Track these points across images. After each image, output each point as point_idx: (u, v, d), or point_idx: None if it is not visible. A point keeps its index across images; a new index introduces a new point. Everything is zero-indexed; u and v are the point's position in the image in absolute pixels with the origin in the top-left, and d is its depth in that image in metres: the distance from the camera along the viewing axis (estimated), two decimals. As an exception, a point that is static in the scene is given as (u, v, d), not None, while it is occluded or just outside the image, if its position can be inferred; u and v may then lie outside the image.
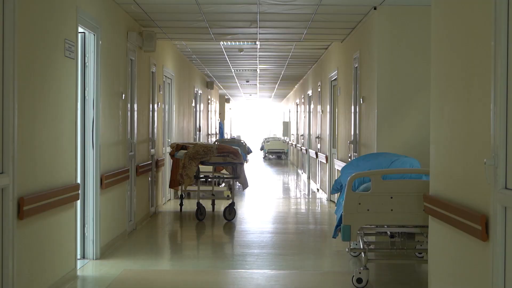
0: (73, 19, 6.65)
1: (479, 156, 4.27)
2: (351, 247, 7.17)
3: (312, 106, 18.43)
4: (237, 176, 11.30)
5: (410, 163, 7.07)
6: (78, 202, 7.11)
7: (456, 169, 4.81)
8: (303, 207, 13.72)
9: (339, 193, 7.94)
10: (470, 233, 4.37)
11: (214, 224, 10.86)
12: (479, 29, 4.35)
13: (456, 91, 4.81)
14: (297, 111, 25.25)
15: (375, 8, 8.74)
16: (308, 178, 19.41)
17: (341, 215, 6.48)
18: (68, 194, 6.41)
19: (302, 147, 22.07)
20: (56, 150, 6.20)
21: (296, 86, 25.13)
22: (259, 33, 11.22)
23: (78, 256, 7.33)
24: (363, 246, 6.79)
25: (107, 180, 7.92)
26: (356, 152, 10.22)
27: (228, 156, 10.96)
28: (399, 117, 8.75)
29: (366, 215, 6.34)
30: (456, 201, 4.77)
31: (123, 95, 8.94)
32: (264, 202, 14.25)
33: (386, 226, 6.75)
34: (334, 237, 6.94)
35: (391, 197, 6.34)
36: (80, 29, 7.23)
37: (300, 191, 17.33)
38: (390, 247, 6.91)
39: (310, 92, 18.84)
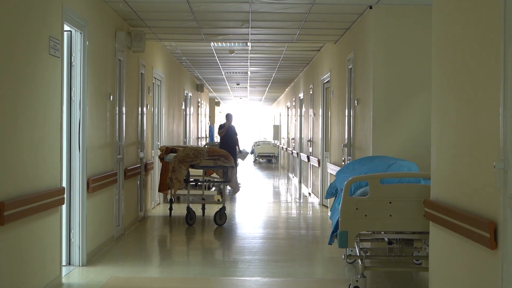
0: (58, 16, 6.38)
1: (486, 159, 4.04)
2: (347, 254, 6.92)
3: (303, 109, 18.20)
4: (228, 180, 11.04)
5: (408, 166, 6.83)
6: (64, 206, 6.84)
7: (460, 172, 4.58)
8: (295, 212, 13.48)
9: (333, 198, 7.70)
10: (477, 241, 4.15)
11: (204, 229, 10.59)
12: (485, 27, 4.12)
13: (461, 91, 4.58)
14: (288, 115, 25.03)
15: (370, 7, 8.51)
16: (300, 182, 19.19)
17: (338, 221, 6.23)
18: (52, 198, 6.14)
19: (293, 151, 21.85)
20: (40, 152, 5.93)
21: (287, 89, 24.92)
22: (251, 34, 10.98)
23: (64, 263, 7.08)
24: (359, 253, 6.55)
25: (94, 184, 7.65)
26: (350, 156, 9.98)
27: (219, 160, 10.70)
28: (395, 119, 8.51)
29: (364, 221, 6.09)
30: (460, 207, 4.54)
31: (111, 96, 8.68)
32: (255, 206, 14.00)
33: (383, 232, 6.51)
34: (330, 243, 6.68)
35: (390, 202, 6.09)
36: (66, 27, 6.97)
37: (291, 195, 17.09)
38: (388, 254, 6.67)
39: (301, 95, 18.61)
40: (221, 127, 17.06)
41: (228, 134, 16.84)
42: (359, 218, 6.09)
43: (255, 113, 49.73)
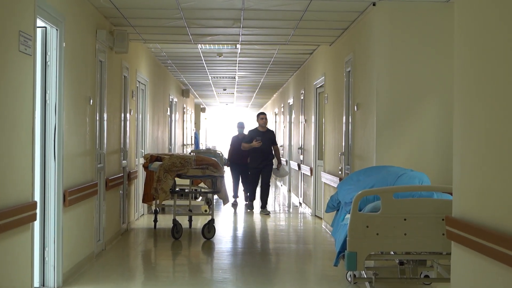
0: (30, 9, 5.66)
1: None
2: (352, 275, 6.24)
3: (293, 115, 17.55)
4: (217, 190, 10.33)
5: (420, 178, 6.16)
6: (37, 222, 6.11)
7: (494, 187, 3.92)
8: (287, 223, 12.79)
9: (335, 211, 7.02)
10: (518, 267, 3.51)
11: (192, 243, 9.87)
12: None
13: (494, 95, 3.92)
14: (275, 121, 24.40)
15: (374, 4, 7.84)
16: (289, 191, 18.54)
17: (345, 239, 5.54)
18: (22, 214, 5.40)
19: (281, 159, 21.16)
20: (9, 162, 5.20)
21: (274, 95, 24.28)
22: (242, 34, 10.29)
23: (37, 285, 6.35)
24: (366, 274, 5.88)
25: (71, 196, 6.93)
26: (349, 165, 9.31)
27: (208, 169, 9.99)
28: (401, 126, 7.83)
29: (375, 240, 5.41)
30: (494, 227, 3.88)
31: (91, 100, 7.96)
32: (243, 217, 13.29)
33: (392, 252, 5.84)
34: (335, 265, 5.99)
35: (405, 219, 5.41)
36: (41, 23, 6.26)
37: (280, 205, 16.41)
38: (399, 275, 5.99)
39: (291, 101, 17.96)
40: (236, 139, 15.61)
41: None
42: (370, 237, 5.40)
43: (241, 119, 49.03)
